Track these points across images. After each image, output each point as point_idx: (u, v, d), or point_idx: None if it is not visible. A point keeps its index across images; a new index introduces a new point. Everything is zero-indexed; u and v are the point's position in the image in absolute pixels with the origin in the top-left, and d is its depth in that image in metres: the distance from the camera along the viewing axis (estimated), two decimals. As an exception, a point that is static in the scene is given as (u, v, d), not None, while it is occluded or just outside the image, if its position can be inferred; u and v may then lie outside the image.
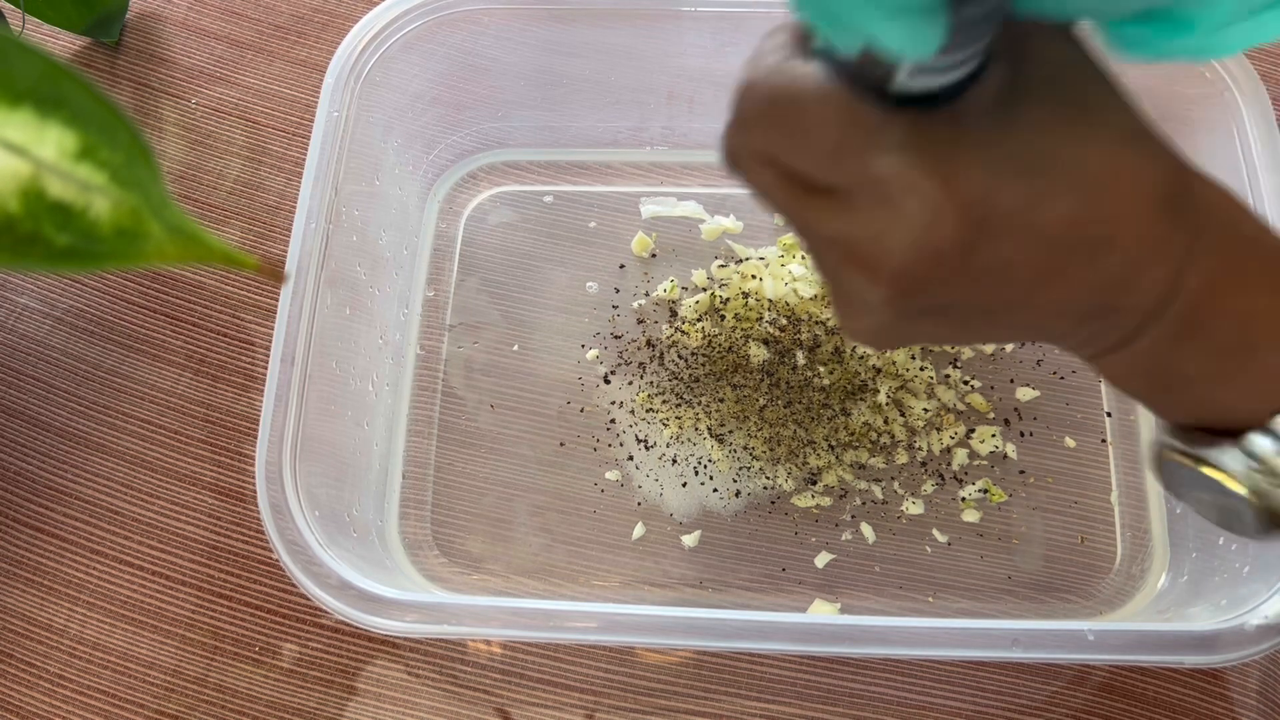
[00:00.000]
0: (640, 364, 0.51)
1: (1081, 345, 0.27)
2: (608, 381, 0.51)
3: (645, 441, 0.49)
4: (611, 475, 0.49)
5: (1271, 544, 0.40)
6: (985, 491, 0.48)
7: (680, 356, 0.51)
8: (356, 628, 0.38)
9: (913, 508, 0.47)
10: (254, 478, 0.40)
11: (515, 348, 0.52)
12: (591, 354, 0.51)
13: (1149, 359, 0.26)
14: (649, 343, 0.51)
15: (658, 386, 0.50)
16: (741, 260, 0.53)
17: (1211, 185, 0.26)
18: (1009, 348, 0.51)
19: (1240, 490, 0.26)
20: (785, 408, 0.49)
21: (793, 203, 0.26)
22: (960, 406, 0.49)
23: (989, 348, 0.50)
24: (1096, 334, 0.26)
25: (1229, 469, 0.26)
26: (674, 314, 0.52)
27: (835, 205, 0.25)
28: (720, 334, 0.51)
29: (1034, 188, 0.23)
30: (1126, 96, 0.25)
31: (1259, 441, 0.26)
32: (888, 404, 0.49)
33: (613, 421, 0.50)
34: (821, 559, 0.47)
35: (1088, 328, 0.26)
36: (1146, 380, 0.28)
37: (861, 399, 0.49)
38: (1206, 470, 0.27)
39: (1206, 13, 0.21)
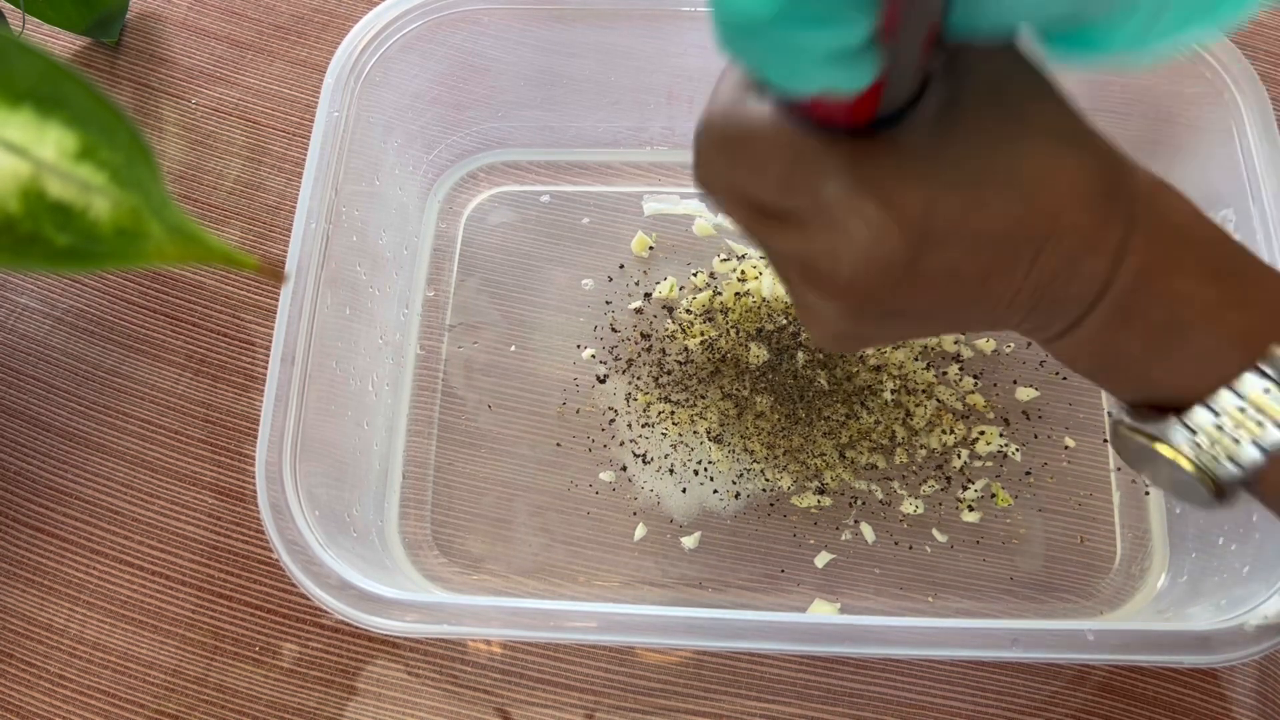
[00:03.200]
0: (640, 364, 0.51)
1: (1032, 331, 0.29)
2: (602, 381, 0.51)
3: (643, 457, 0.49)
4: (612, 476, 0.49)
5: (1221, 511, 0.40)
6: (994, 496, 0.48)
7: (679, 357, 0.51)
8: (356, 628, 0.39)
9: (912, 508, 0.47)
10: (254, 478, 0.40)
11: (512, 348, 0.52)
12: (591, 354, 0.51)
13: (1093, 342, 0.28)
14: (644, 336, 0.51)
15: (656, 387, 0.50)
16: (742, 256, 0.53)
17: (1146, 177, 0.27)
18: (1009, 347, 0.51)
19: (1185, 464, 0.28)
20: (785, 408, 0.49)
21: (754, 225, 0.29)
22: (960, 406, 0.49)
23: (989, 348, 0.51)
24: (1044, 322, 0.28)
25: (1175, 444, 0.28)
26: (673, 314, 0.52)
27: (790, 228, 0.27)
28: (719, 334, 0.51)
29: (972, 196, 0.25)
30: (1062, 97, 0.27)
31: (1198, 415, 0.27)
32: (888, 404, 0.49)
33: (611, 422, 0.50)
34: (821, 559, 0.47)
35: (1035, 317, 0.28)
36: (1093, 361, 0.30)
37: (861, 399, 0.49)
38: (1156, 446, 0.28)
39: (1121, 26, 0.23)
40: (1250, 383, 0.27)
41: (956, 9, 0.23)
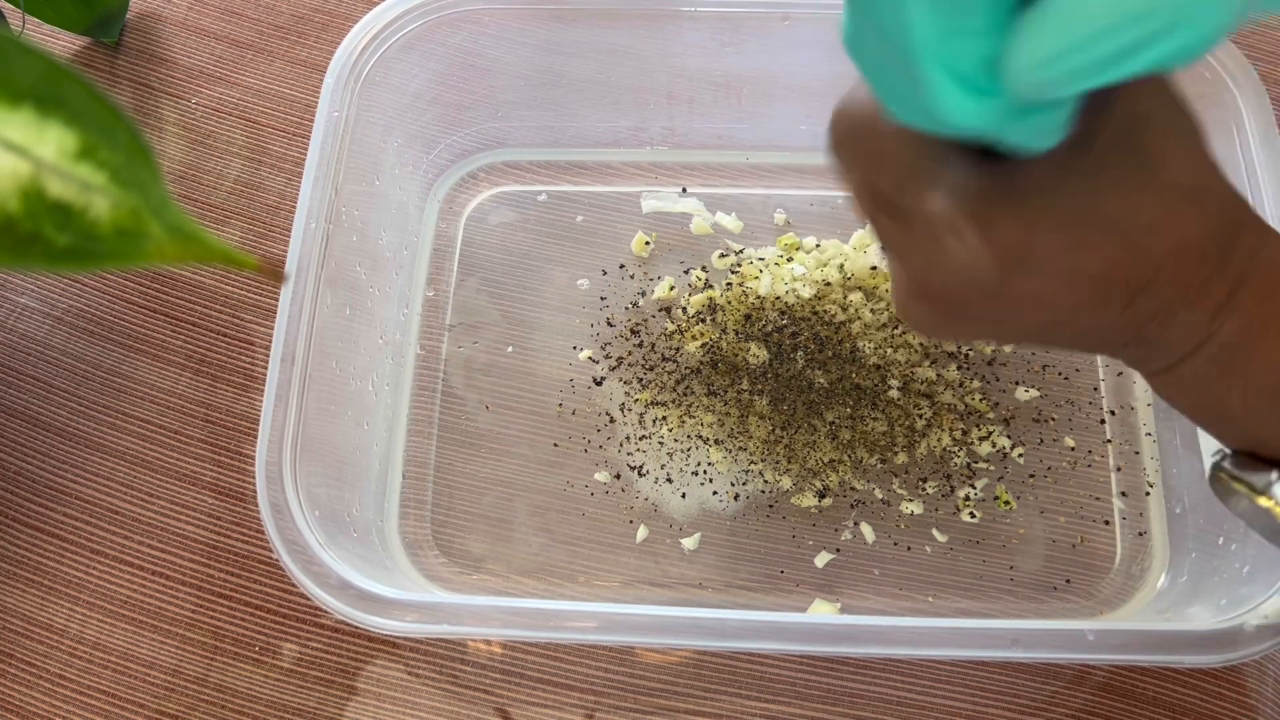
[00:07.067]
0: (638, 366, 0.51)
1: (1130, 363, 0.30)
2: (599, 384, 0.51)
3: (639, 469, 0.49)
4: (610, 478, 0.49)
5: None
6: (996, 498, 0.48)
7: (678, 357, 0.51)
8: (356, 628, 0.39)
9: (912, 508, 0.47)
10: (254, 478, 0.40)
11: (510, 349, 0.52)
12: (590, 354, 0.51)
13: (1193, 388, 0.29)
14: (633, 333, 0.51)
15: (652, 389, 0.50)
16: (741, 251, 0.53)
17: (1268, 237, 0.27)
18: (1008, 348, 0.51)
19: None
20: (784, 409, 0.49)
21: (868, 207, 0.29)
22: (961, 407, 0.49)
23: (988, 348, 0.51)
24: (1141, 357, 0.29)
25: (1276, 497, 0.28)
26: (671, 314, 0.52)
27: (898, 222, 0.28)
28: (719, 334, 0.51)
29: (1075, 236, 0.26)
30: (1200, 142, 0.27)
31: None
32: (888, 405, 0.49)
33: (609, 423, 0.50)
34: (821, 559, 0.47)
35: (1130, 351, 0.29)
36: (1191, 404, 0.30)
37: (861, 400, 0.49)
38: (1258, 499, 0.29)
39: None
40: None
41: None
